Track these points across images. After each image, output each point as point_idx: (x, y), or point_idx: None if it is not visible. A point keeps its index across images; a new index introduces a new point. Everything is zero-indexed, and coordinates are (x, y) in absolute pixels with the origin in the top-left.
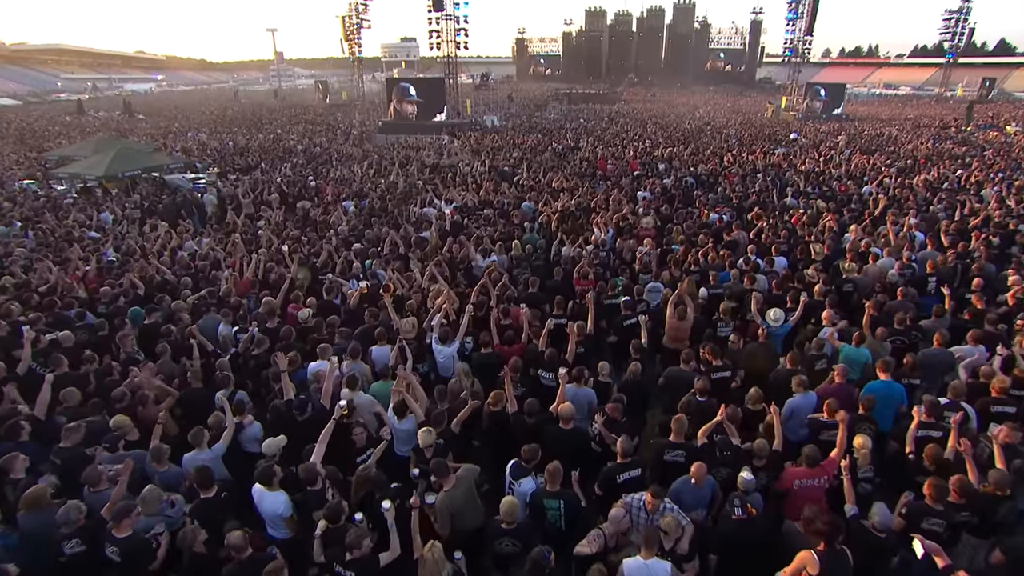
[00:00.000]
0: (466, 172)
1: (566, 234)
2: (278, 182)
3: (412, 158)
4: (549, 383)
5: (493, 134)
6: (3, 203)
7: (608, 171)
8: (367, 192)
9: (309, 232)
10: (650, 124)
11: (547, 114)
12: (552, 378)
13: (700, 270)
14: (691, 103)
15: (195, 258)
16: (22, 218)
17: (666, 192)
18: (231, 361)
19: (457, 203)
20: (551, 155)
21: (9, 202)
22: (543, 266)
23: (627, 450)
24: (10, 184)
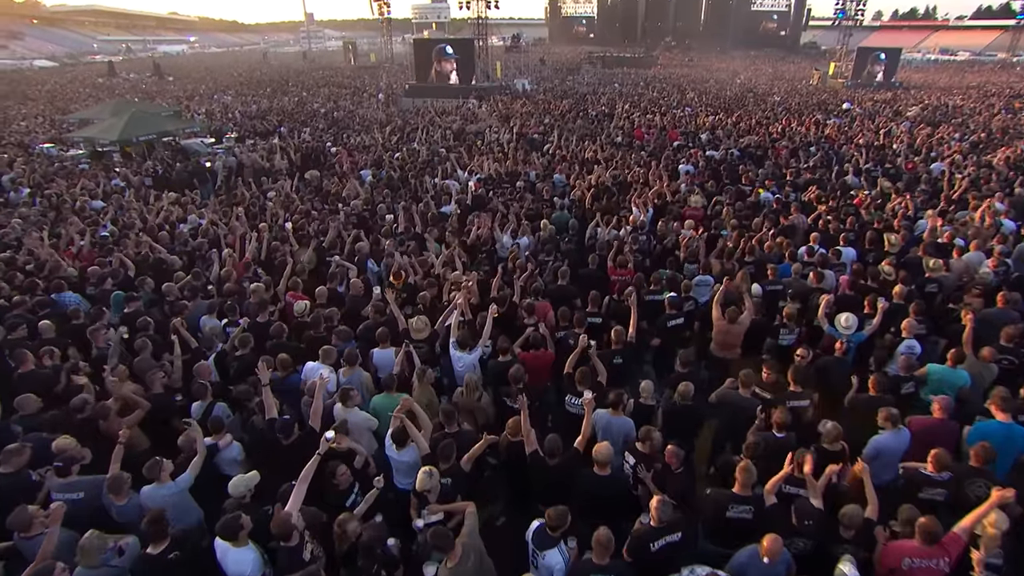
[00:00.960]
0: (493, 140)
1: (601, 214)
2: (287, 148)
3: (437, 123)
4: (576, 411)
5: (523, 99)
6: (20, 167)
7: (645, 141)
8: (387, 161)
9: (319, 204)
10: (689, 90)
11: (580, 78)
12: (578, 404)
13: (755, 261)
14: (731, 68)
15: (196, 234)
16: (32, 184)
17: (711, 165)
18: (217, 361)
19: (481, 175)
20: (584, 122)
21: (26, 166)
22: (575, 251)
23: (664, 516)
24: (32, 148)
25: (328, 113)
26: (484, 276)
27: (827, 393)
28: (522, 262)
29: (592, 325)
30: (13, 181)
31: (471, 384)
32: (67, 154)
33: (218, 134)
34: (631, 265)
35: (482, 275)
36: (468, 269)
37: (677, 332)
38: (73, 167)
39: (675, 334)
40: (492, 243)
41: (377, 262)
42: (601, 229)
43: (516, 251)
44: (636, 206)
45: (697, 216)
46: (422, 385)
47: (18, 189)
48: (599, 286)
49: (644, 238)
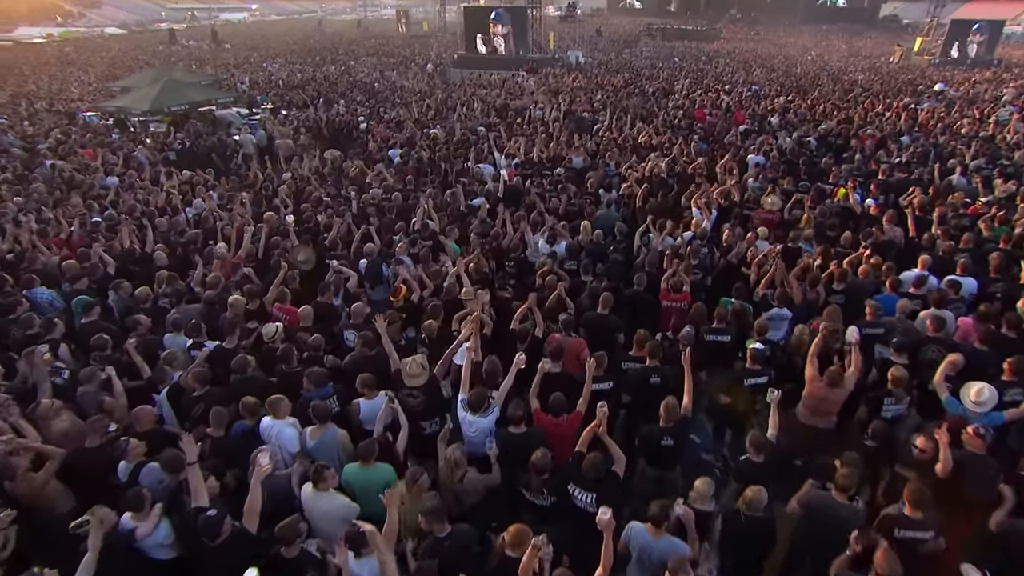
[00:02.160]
0: (537, 117)
1: (655, 215)
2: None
3: (480, 97)
4: (587, 507)
5: (576, 72)
6: (56, 136)
7: (708, 123)
8: (419, 139)
9: (333, 191)
10: (756, 67)
11: (638, 51)
12: (590, 502)
13: (847, 290)
14: (801, 44)
15: (199, 222)
16: (63, 155)
17: (784, 156)
18: (172, 397)
19: (519, 159)
20: (639, 100)
21: (63, 135)
22: (621, 264)
23: None
24: (77, 116)
25: (370, 84)
26: (510, 295)
27: (955, 503)
28: (552, 280)
29: (633, 378)
30: (46, 152)
31: (451, 460)
32: (108, 123)
33: (253, 104)
34: (687, 288)
35: (508, 293)
36: (491, 283)
37: (751, 395)
38: (106, 137)
39: (748, 396)
40: (523, 249)
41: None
42: (653, 236)
43: (548, 264)
44: (697, 207)
45: (772, 222)
46: (413, 495)
47: (41, 163)
48: (646, 314)
49: (706, 250)
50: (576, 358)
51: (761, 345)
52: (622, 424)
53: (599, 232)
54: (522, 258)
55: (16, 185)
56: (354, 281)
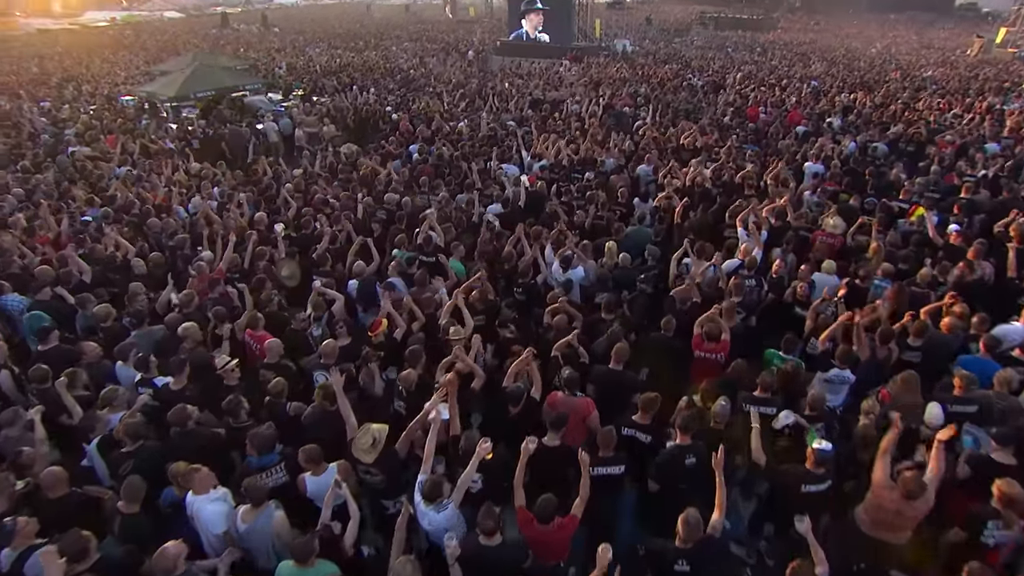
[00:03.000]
0: (573, 112)
1: (694, 235)
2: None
3: (517, 87)
4: None
5: (621, 62)
6: (85, 121)
7: (761, 122)
8: (445, 133)
9: (340, 190)
10: (815, 60)
11: (688, 41)
12: None
13: (926, 347)
14: (866, 35)
15: (192, 224)
16: (88, 141)
17: (846, 165)
18: (103, 449)
19: (546, 161)
20: (687, 94)
21: (97, 120)
22: (649, 298)
23: None
24: (116, 100)
25: (407, 72)
26: (512, 335)
27: None
28: (563, 320)
29: (663, 462)
30: (71, 138)
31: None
32: (144, 108)
33: (288, 90)
34: (727, 336)
35: (511, 333)
36: (498, 315)
37: (813, 502)
38: (135, 123)
39: (809, 504)
40: (534, 274)
41: None
42: (691, 262)
43: (559, 297)
44: (744, 227)
45: (832, 248)
46: None
47: (64, 150)
48: (674, 366)
49: (753, 282)
50: (582, 423)
51: (828, 446)
52: (632, 508)
53: (625, 256)
54: (533, 284)
55: (30, 173)
56: (341, 305)
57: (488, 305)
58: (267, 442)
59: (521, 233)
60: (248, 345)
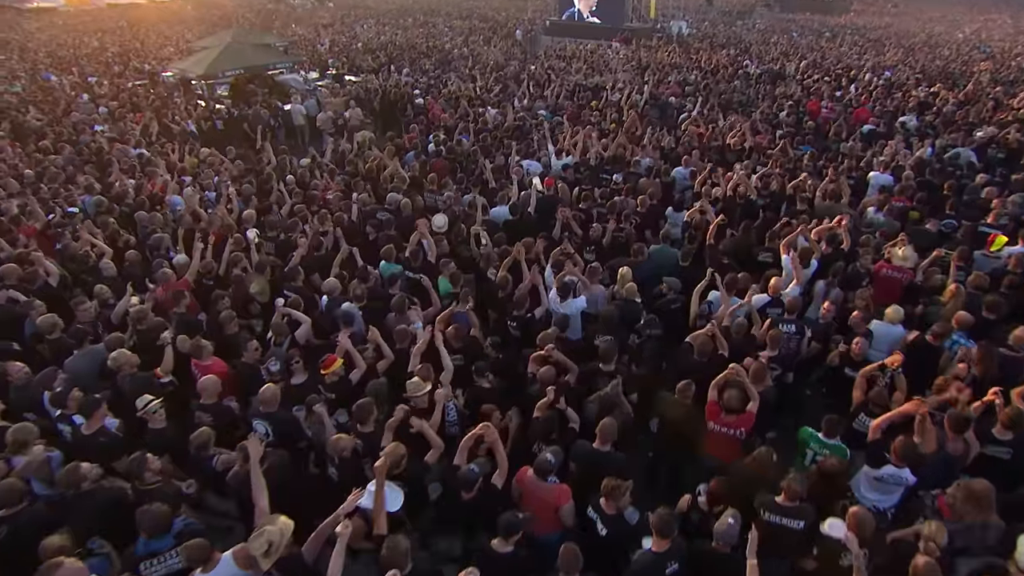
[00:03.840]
0: (614, 101)
1: (729, 259)
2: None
3: (556, 71)
4: None
5: (675, 46)
6: (125, 99)
7: (823, 118)
8: (470, 120)
9: (339, 184)
10: (890, 47)
11: (750, 23)
12: None
13: (1017, 443)
14: (950, 18)
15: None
16: (118, 118)
17: (922, 175)
18: None
19: (572, 158)
20: (742, 83)
21: (134, 97)
22: (658, 344)
23: None
24: (159, 76)
25: (448, 51)
26: (491, 385)
27: None
28: (549, 372)
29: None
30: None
31: None
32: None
33: (323, 68)
34: (753, 406)
35: (489, 383)
36: (471, 361)
37: None
38: (168, 100)
39: None
40: (530, 306)
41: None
42: (721, 296)
43: (549, 342)
44: (788, 255)
45: (897, 284)
46: None
47: (86, 128)
48: (691, 440)
49: (792, 327)
50: (553, 513)
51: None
52: None
53: (631, 287)
54: (529, 318)
55: (46, 154)
56: (307, 330)
57: (467, 344)
58: (160, 521)
59: (519, 252)
60: (194, 379)
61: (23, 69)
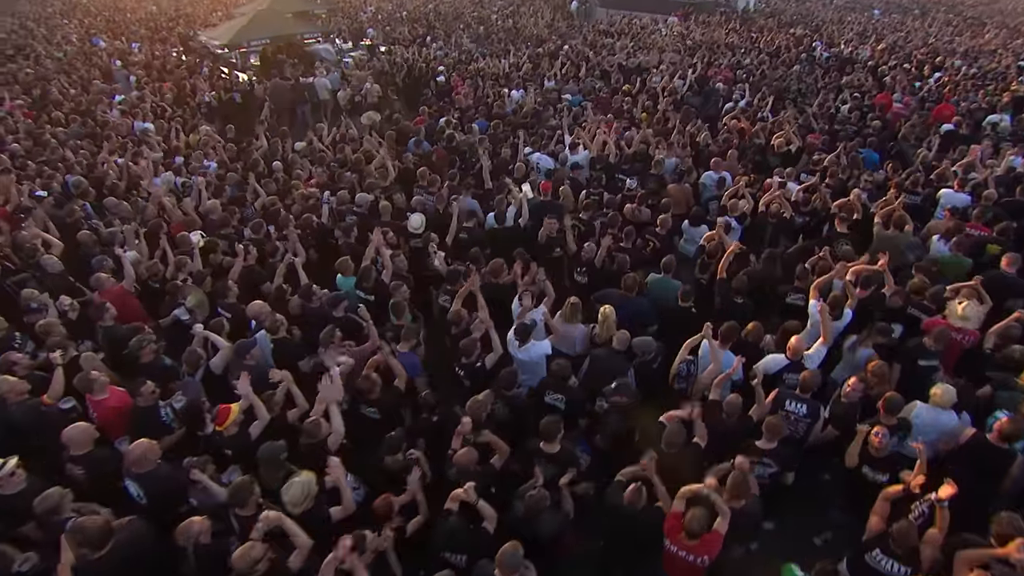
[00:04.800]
0: (655, 85)
1: (743, 300)
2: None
3: (596, 49)
4: None
5: (736, 23)
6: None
7: (894, 115)
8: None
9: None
10: (992, 26)
11: None
12: None
13: None
14: None
15: None
16: (141, 87)
17: (1012, 193)
18: None
19: (583, 154)
20: (805, 67)
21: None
22: (622, 418)
23: None
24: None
25: (493, 23)
26: (400, 464)
27: None
28: (468, 455)
29: None
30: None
31: None
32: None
33: (357, 37)
34: (721, 528)
35: (396, 464)
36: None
37: None
38: (197, 69)
39: None
40: (481, 353)
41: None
42: (711, 353)
43: (480, 411)
44: (819, 301)
45: (956, 347)
46: None
47: (102, 98)
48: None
49: (803, 409)
50: None
51: None
52: None
53: (616, 332)
54: (479, 366)
55: (56, 125)
56: (224, 358)
57: (386, 397)
58: None
59: (473, 281)
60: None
61: (79, 35)
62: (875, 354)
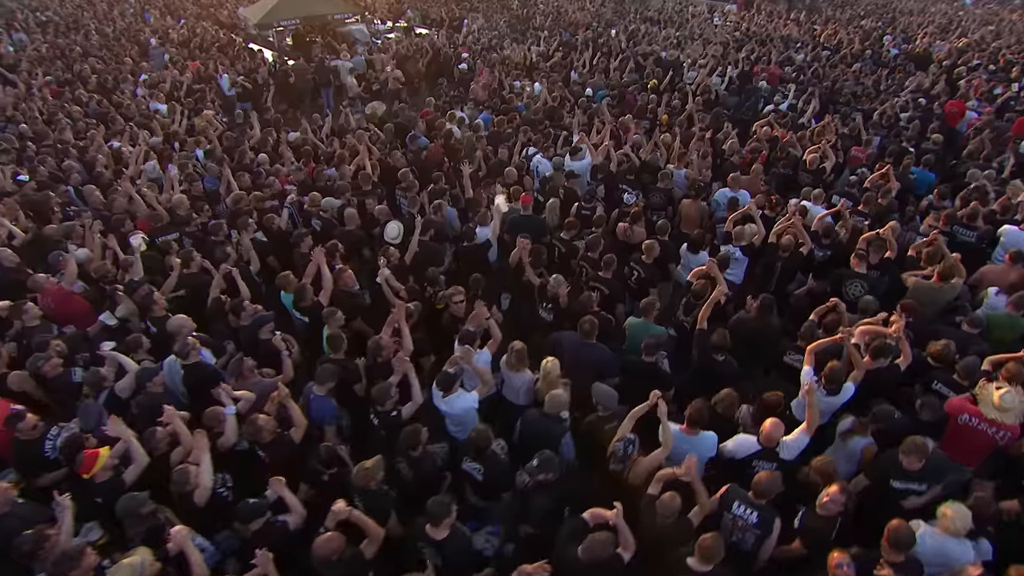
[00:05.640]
0: (690, 81)
1: (723, 357)
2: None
3: (636, 38)
4: None
5: (802, 13)
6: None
7: (971, 126)
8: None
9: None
10: None
11: None
12: None
13: None
14: None
15: None
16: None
17: None
18: None
19: (586, 162)
20: (867, 65)
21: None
22: (550, 499)
23: None
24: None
25: (535, 4)
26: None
27: None
28: (332, 541)
29: None
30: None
31: None
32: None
33: (397, 17)
34: None
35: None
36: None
37: None
38: (228, 48)
39: None
40: (396, 404)
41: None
42: (661, 431)
43: (364, 480)
44: (810, 369)
45: (981, 448)
46: None
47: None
48: None
49: (753, 518)
50: None
51: None
52: None
53: (555, 398)
54: (394, 417)
55: (75, 105)
56: (128, 384)
57: (278, 448)
58: None
59: (400, 312)
60: None
61: (136, 10)
62: (873, 444)
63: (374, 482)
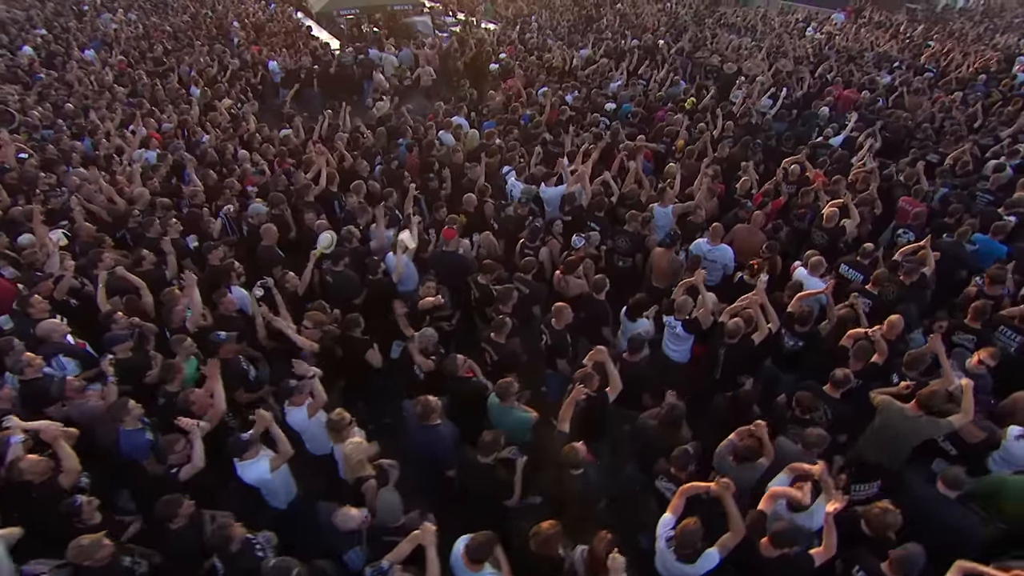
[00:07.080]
0: (739, 103)
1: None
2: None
3: (701, 44)
4: None
5: (919, 25)
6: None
7: None
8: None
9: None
10: None
11: None
12: None
13: None
14: None
15: None
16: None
17: None
18: None
19: (558, 190)
20: (973, 94)
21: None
22: None
23: None
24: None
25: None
26: None
27: None
28: None
29: None
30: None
31: None
32: None
33: (470, 11)
34: None
35: None
36: None
37: None
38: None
39: None
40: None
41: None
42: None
43: None
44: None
45: None
46: None
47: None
48: None
49: None
50: None
51: None
52: None
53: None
54: (171, 477)
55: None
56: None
57: (46, 492)
58: None
59: (214, 371)
60: None
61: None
62: None
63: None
